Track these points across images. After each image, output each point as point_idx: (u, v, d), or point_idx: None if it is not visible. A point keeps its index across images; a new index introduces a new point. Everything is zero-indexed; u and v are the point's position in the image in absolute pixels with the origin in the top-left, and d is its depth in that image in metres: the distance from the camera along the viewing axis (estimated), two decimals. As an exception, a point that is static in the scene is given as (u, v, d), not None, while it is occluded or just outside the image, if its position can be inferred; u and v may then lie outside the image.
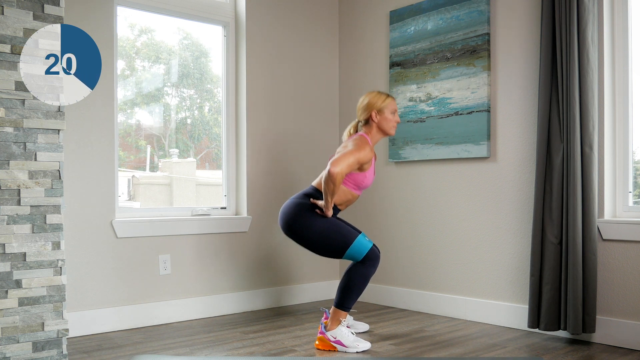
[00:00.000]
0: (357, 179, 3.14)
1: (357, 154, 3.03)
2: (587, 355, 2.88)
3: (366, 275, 3.05)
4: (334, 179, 2.94)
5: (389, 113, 3.21)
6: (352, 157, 3.01)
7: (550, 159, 3.14)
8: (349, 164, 2.99)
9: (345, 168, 2.97)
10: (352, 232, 3.07)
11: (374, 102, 3.20)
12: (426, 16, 3.85)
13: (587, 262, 3.01)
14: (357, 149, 3.05)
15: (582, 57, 3.02)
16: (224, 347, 3.06)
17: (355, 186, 3.17)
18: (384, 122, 3.21)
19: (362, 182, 3.17)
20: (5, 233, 2.49)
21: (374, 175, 3.24)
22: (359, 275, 3.05)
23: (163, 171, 3.98)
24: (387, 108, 3.20)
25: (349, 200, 3.21)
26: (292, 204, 3.14)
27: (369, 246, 3.06)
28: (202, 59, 4.12)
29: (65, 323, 2.61)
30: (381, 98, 3.21)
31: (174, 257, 3.67)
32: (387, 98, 3.22)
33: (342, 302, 3.06)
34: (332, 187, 2.97)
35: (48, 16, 2.60)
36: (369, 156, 3.09)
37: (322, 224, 3.06)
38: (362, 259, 3.05)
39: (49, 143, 2.60)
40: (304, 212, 3.09)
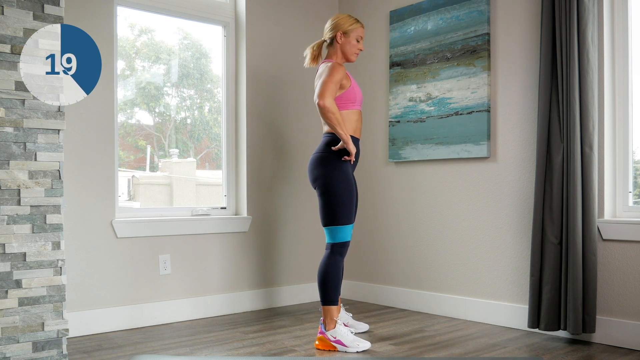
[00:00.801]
0: (348, 95, 3.14)
1: (332, 77, 3.03)
2: (587, 355, 2.88)
3: (336, 264, 3.09)
4: (327, 109, 2.96)
5: (354, 38, 3.21)
6: (330, 82, 3.01)
7: (550, 159, 3.14)
8: (330, 89, 3.00)
9: (329, 95, 2.99)
10: (350, 218, 3.10)
11: (342, 24, 3.19)
12: (426, 16, 3.85)
13: (587, 262, 3.01)
14: (329, 73, 3.04)
15: (582, 57, 3.02)
16: (224, 347, 3.06)
17: (350, 103, 3.16)
18: (347, 45, 3.20)
19: (354, 96, 3.17)
20: (5, 233, 2.49)
21: (359, 87, 3.25)
22: (329, 266, 3.08)
23: (163, 171, 3.98)
24: (353, 32, 3.20)
25: (357, 119, 3.20)
26: (315, 159, 3.14)
27: (348, 239, 3.10)
28: (202, 59, 4.12)
29: (65, 323, 2.61)
30: (349, 21, 3.20)
31: (174, 257, 3.67)
32: (356, 23, 3.21)
33: (324, 297, 3.08)
34: (332, 115, 2.97)
35: (48, 16, 2.60)
36: (342, 71, 3.09)
37: (343, 189, 3.06)
38: (331, 245, 3.09)
39: (49, 143, 2.60)
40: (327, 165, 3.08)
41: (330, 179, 3.08)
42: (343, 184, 3.08)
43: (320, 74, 3.12)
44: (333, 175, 3.08)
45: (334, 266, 3.08)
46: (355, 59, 3.28)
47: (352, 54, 3.23)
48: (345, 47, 3.21)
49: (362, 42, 3.26)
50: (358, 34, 3.22)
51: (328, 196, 3.08)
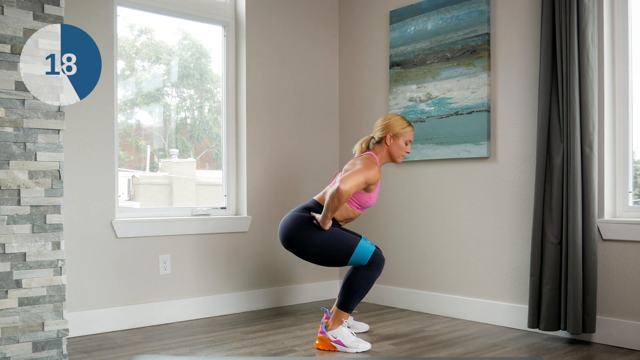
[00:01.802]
0: (362, 199, 3.14)
1: (366, 174, 3.02)
2: (587, 355, 2.88)
3: (371, 278, 3.05)
4: (340, 196, 2.93)
5: (403, 142, 3.21)
6: (362, 176, 3.00)
7: (550, 159, 3.14)
8: (358, 183, 2.98)
9: (354, 187, 2.97)
10: (354, 238, 3.07)
11: (394, 126, 3.19)
12: (426, 16, 3.85)
13: (587, 262, 3.01)
14: (366, 168, 3.04)
15: (582, 57, 3.02)
16: (224, 347, 3.06)
17: (358, 205, 3.17)
18: (396, 148, 3.20)
19: (367, 203, 3.17)
20: (5, 233, 2.49)
21: (377, 195, 3.23)
22: (363, 277, 3.04)
23: (163, 171, 3.98)
24: (403, 136, 3.20)
25: (350, 218, 3.21)
26: (291, 217, 3.13)
27: (372, 249, 3.06)
28: (202, 59, 4.12)
29: (65, 323, 2.61)
30: (402, 124, 3.20)
31: (174, 257, 3.67)
32: (408, 126, 3.21)
33: (344, 304, 3.05)
34: (337, 204, 2.95)
35: (48, 16, 2.60)
36: (377, 177, 3.09)
37: (322, 235, 3.05)
38: (367, 263, 3.05)
39: (49, 143, 2.60)
40: (303, 225, 3.08)
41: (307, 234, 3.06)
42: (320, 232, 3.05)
43: (358, 161, 3.11)
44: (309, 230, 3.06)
45: (368, 279, 3.04)
46: (401, 161, 3.29)
47: (399, 157, 3.24)
48: (392, 149, 3.21)
49: (410, 145, 3.26)
50: (408, 138, 3.22)
51: (316, 248, 3.05)
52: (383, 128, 3.20)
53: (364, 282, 3.04)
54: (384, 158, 3.23)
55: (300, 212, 3.13)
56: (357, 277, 3.04)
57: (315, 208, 3.14)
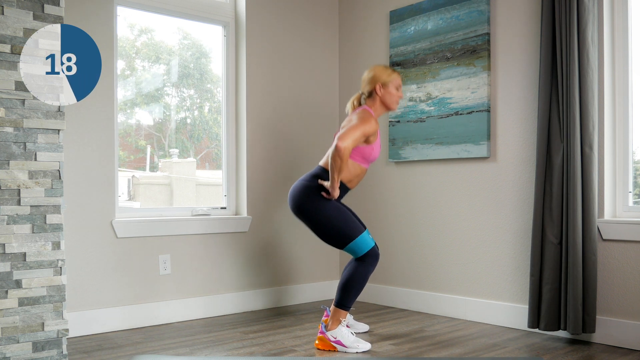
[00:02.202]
0: (365, 151, 3.14)
1: (362, 127, 3.02)
2: (587, 355, 2.88)
3: (365, 274, 3.06)
4: (341, 154, 2.94)
5: (393, 88, 3.21)
6: (358, 130, 3.00)
7: (550, 159, 3.14)
8: (355, 137, 2.99)
9: (352, 142, 2.97)
10: (358, 227, 3.08)
11: (379, 76, 3.20)
12: (426, 16, 3.85)
13: (587, 262, 3.01)
14: (362, 122, 3.04)
15: (582, 57, 3.02)
16: (224, 347, 3.06)
17: (363, 159, 3.16)
18: (388, 96, 3.21)
19: (370, 155, 3.16)
20: (5, 233, 2.49)
21: (380, 147, 3.23)
22: (357, 274, 3.05)
23: (163, 171, 3.98)
24: (391, 82, 3.20)
25: (359, 174, 3.19)
26: (300, 187, 3.12)
27: (371, 245, 3.07)
28: (202, 59, 4.12)
29: (65, 323, 2.61)
30: (387, 72, 3.21)
31: (174, 257, 3.67)
32: (393, 73, 3.22)
33: (341, 301, 3.06)
34: (339, 162, 2.96)
35: (48, 16, 2.60)
36: (375, 128, 3.09)
37: (332, 210, 3.05)
38: (361, 257, 3.06)
39: (49, 143, 2.60)
40: (312, 195, 3.07)
41: (316, 207, 3.06)
42: (329, 205, 3.06)
43: (353, 117, 3.12)
44: (317, 201, 3.06)
45: (363, 275, 3.06)
46: (396, 107, 3.29)
47: (393, 103, 3.24)
48: (385, 98, 3.21)
49: (401, 89, 3.27)
50: (397, 83, 3.22)
51: (322, 220, 3.06)
52: (370, 80, 3.21)
53: (359, 278, 3.05)
54: (379, 109, 3.24)
55: (308, 181, 3.12)
56: (351, 274, 3.06)
57: (322, 174, 3.13)
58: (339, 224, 3.04)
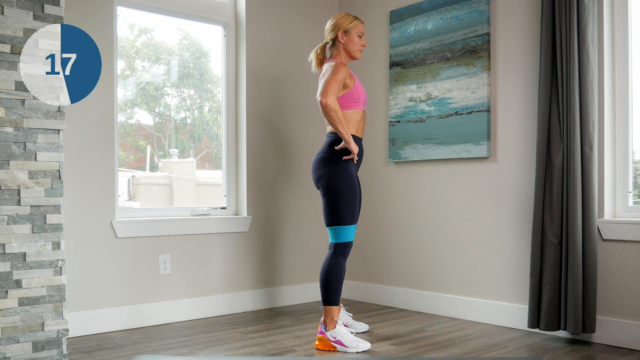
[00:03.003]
0: (351, 95, 3.15)
1: (335, 76, 3.03)
2: (587, 355, 2.88)
3: (338, 266, 3.09)
4: (329, 107, 2.97)
5: (356, 35, 3.21)
6: (333, 81, 3.02)
7: (550, 159, 3.14)
8: (333, 88, 3.01)
9: (332, 92, 2.99)
10: (353, 218, 3.10)
11: (341, 23, 3.20)
12: (426, 16, 3.85)
13: (587, 262, 3.01)
14: (332, 72, 3.05)
15: (582, 57, 3.02)
16: (224, 347, 3.06)
17: (354, 103, 3.16)
18: (350, 43, 3.21)
19: (358, 96, 3.17)
20: (5, 233, 2.49)
21: (363, 88, 3.24)
22: (331, 267, 3.08)
23: (163, 171, 3.98)
24: (353, 29, 3.20)
25: (360, 119, 3.20)
26: (319, 160, 3.14)
27: (350, 239, 3.10)
28: (202, 59, 4.12)
29: (65, 323, 2.61)
30: (348, 19, 3.21)
31: (174, 257, 3.67)
32: (355, 20, 3.22)
33: (326, 298, 3.08)
34: (334, 114, 2.98)
35: (48, 16, 2.60)
36: (346, 71, 3.10)
37: (346, 190, 3.06)
38: (334, 245, 3.09)
39: (49, 143, 2.60)
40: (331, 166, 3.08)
41: (333, 179, 3.08)
42: (346, 184, 3.08)
43: (323, 73, 3.12)
44: (336, 175, 3.08)
45: (336, 267, 3.09)
46: (360, 56, 3.28)
47: (356, 51, 3.24)
48: (348, 46, 3.21)
49: (364, 37, 3.27)
50: (359, 30, 3.22)
51: (331, 196, 3.08)
52: (332, 28, 3.22)
53: (333, 271, 3.08)
54: (343, 58, 3.24)
55: (326, 152, 3.12)
56: (326, 269, 3.09)
57: (335, 138, 3.13)
58: (342, 203, 3.06)
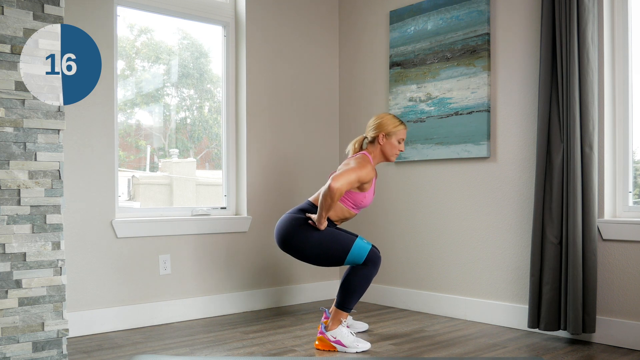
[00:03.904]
0: (357, 198, 3.15)
1: (359, 172, 3.02)
2: (587, 355, 2.88)
3: (368, 276, 3.05)
4: (332, 194, 2.94)
5: (396, 140, 3.20)
6: (354, 174, 3.01)
7: (550, 159, 3.14)
8: (350, 181, 2.99)
9: (346, 185, 2.97)
10: (350, 238, 3.07)
11: (386, 125, 3.19)
12: (426, 16, 3.85)
13: (587, 262, 3.01)
14: (359, 167, 3.04)
15: (582, 57, 3.02)
16: (224, 347, 3.06)
17: (353, 205, 3.17)
18: (389, 147, 3.20)
19: (362, 202, 3.17)
20: (5, 233, 2.49)
21: (373, 195, 3.24)
22: (360, 276, 3.04)
23: (163, 171, 3.98)
24: (396, 135, 3.19)
25: (345, 217, 3.21)
26: (287, 219, 3.14)
27: (369, 248, 3.06)
28: (201, 59, 4.12)
29: (65, 323, 2.61)
30: (394, 123, 3.20)
31: (174, 257, 3.67)
32: (400, 125, 3.21)
33: (343, 303, 3.06)
34: (330, 202, 2.96)
35: (48, 16, 2.60)
36: (371, 175, 3.09)
37: (318, 236, 3.06)
38: (363, 262, 3.05)
39: (49, 143, 2.60)
40: (299, 227, 3.09)
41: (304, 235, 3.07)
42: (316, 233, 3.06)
43: (351, 160, 3.13)
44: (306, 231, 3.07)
45: (365, 277, 3.05)
46: (394, 160, 3.29)
47: (392, 155, 3.23)
48: (386, 148, 3.20)
49: (403, 143, 3.26)
50: (401, 137, 3.21)
51: (313, 249, 3.06)
52: (375, 127, 3.21)
53: (362, 280, 3.04)
54: (378, 157, 3.24)
55: (296, 214, 3.14)
56: (354, 276, 3.05)
57: (310, 209, 3.15)
58: (329, 244, 3.05)
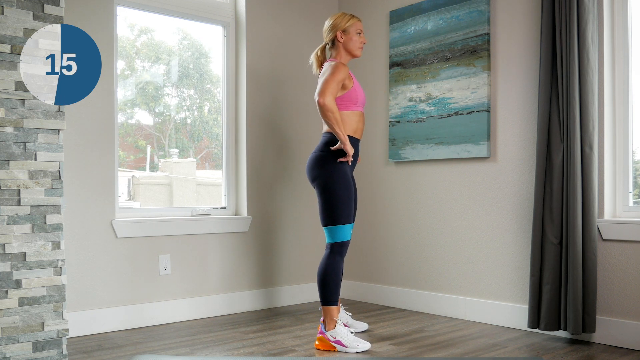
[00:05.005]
0: (350, 96, 3.14)
1: (334, 76, 3.03)
2: (587, 355, 2.88)
3: (335, 266, 3.08)
4: (326, 108, 2.96)
5: (355, 33, 3.21)
6: (331, 81, 3.01)
7: (550, 159, 3.14)
8: (331, 88, 3.00)
9: (330, 92, 2.99)
10: (349, 217, 3.10)
11: (338, 23, 3.20)
12: (426, 16, 3.85)
13: (587, 262, 3.01)
14: (331, 72, 3.05)
15: (582, 57, 3.02)
16: (224, 347, 3.06)
17: (352, 104, 3.16)
18: (350, 42, 3.20)
19: (356, 97, 3.16)
20: (5, 233, 2.49)
21: (361, 89, 3.23)
22: (328, 266, 3.08)
23: (163, 171, 3.98)
24: (351, 27, 3.20)
25: (358, 120, 3.19)
26: (314, 158, 3.14)
27: (347, 238, 3.10)
28: (201, 59, 4.12)
29: (65, 323, 2.61)
30: (345, 18, 3.21)
31: (174, 257, 3.67)
32: (352, 18, 3.22)
33: (324, 298, 3.08)
34: (331, 114, 2.97)
35: (48, 16, 2.60)
36: (345, 71, 3.09)
37: (341, 189, 3.06)
38: (330, 245, 3.09)
39: (49, 143, 2.60)
40: (326, 165, 3.08)
41: (328, 179, 3.08)
42: (341, 184, 3.08)
43: (322, 73, 3.12)
44: (331, 175, 3.08)
45: (333, 266, 3.08)
46: (361, 53, 3.27)
47: (356, 49, 3.23)
48: (348, 44, 3.21)
49: (363, 34, 3.26)
50: (357, 28, 3.22)
51: (327, 196, 3.08)
52: (330, 29, 3.22)
53: (330, 270, 3.07)
54: (345, 57, 3.24)
55: (322, 152, 3.13)
56: (323, 269, 3.09)
57: (331, 138, 3.13)
58: (337, 203, 3.06)
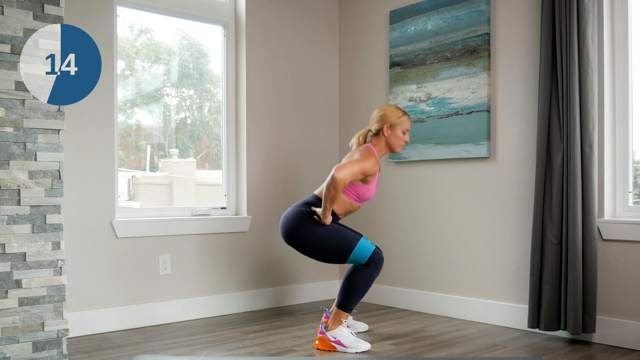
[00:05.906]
0: (360, 190, 3.14)
1: (362, 164, 3.02)
2: (587, 355, 2.88)
3: (369, 278, 3.05)
4: (336, 185, 2.94)
5: (400, 131, 3.20)
6: (358, 165, 3.01)
7: (550, 159, 3.14)
8: (353, 172, 2.99)
9: (349, 175, 2.97)
10: (354, 236, 3.07)
11: (389, 116, 3.18)
12: (426, 16, 3.85)
13: (587, 262, 3.01)
14: (363, 159, 3.04)
15: (582, 57, 3.02)
16: (224, 347, 3.06)
17: (356, 197, 3.17)
18: (394, 138, 3.20)
19: (365, 194, 3.17)
20: (5, 233, 2.49)
21: (376, 187, 3.23)
22: (362, 277, 3.04)
23: (163, 171, 3.98)
24: (400, 125, 3.19)
25: (349, 210, 3.21)
26: (293, 212, 3.14)
27: (372, 249, 3.06)
28: (201, 59, 4.12)
29: (65, 323, 2.61)
30: (397, 114, 3.19)
31: (174, 257, 3.67)
32: (403, 115, 3.21)
33: (344, 303, 3.06)
34: (333, 193, 2.96)
35: (48, 16, 2.60)
36: (375, 168, 3.09)
37: (323, 231, 3.06)
38: (365, 262, 3.05)
39: (49, 143, 2.60)
40: (304, 220, 3.09)
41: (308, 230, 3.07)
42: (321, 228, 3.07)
43: (355, 152, 3.13)
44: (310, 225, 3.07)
45: (366, 278, 3.05)
46: (400, 151, 3.28)
47: (398, 146, 3.22)
48: (391, 140, 3.20)
49: (408, 134, 3.25)
50: (405, 127, 3.21)
51: (317, 243, 3.07)
52: (379, 119, 3.21)
53: (363, 281, 3.04)
54: (383, 149, 3.23)
55: (301, 207, 3.14)
56: (356, 276, 3.05)
57: (316, 202, 3.15)
58: (333, 241, 3.05)
